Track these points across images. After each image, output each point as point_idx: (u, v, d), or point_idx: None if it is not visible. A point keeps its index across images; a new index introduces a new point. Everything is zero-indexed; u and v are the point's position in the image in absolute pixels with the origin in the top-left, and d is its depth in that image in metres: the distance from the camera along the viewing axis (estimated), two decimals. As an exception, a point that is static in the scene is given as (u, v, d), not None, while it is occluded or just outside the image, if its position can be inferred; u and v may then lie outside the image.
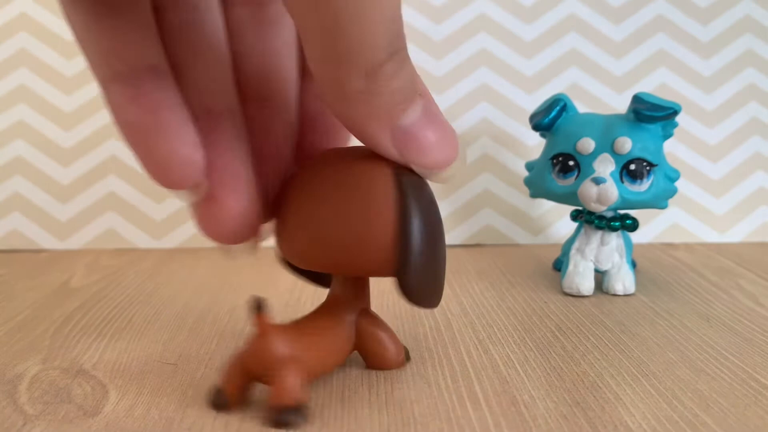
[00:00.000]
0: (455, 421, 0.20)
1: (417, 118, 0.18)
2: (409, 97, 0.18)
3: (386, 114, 0.18)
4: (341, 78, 0.17)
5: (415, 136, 0.18)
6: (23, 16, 0.44)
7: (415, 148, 0.19)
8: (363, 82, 0.17)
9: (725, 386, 0.22)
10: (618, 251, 0.33)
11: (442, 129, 0.19)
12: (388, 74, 0.17)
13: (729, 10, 0.46)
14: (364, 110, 0.18)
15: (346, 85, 0.17)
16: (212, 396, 0.20)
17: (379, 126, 0.18)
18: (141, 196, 0.44)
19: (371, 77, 0.17)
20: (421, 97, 0.19)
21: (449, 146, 0.19)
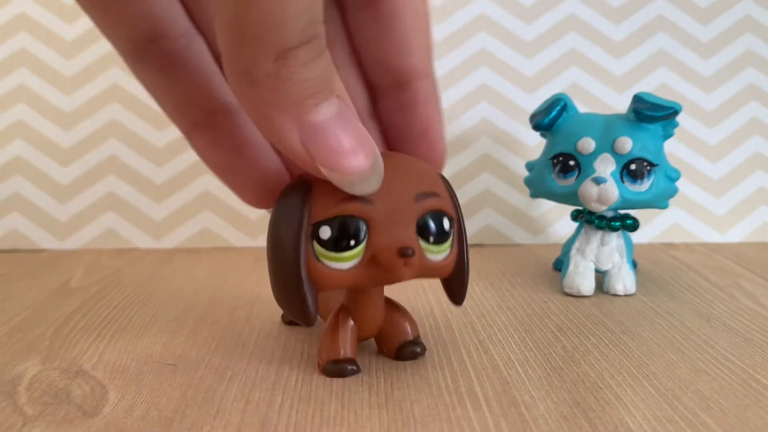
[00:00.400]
0: (455, 422, 0.19)
1: (330, 117, 0.17)
2: (322, 92, 0.17)
3: (294, 105, 0.16)
4: (248, 58, 0.15)
5: (326, 135, 0.17)
6: (23, 15, 0.44)
7: (324, 147, 0.17)
8: (271, 65, 0.15)
9: (725, 386, 0.22)
10: (618, 251, 0.33)
11: (358, 135, 0.18)
12: (300, 60, 0.16)
13: (729, 9, 0.46)
14: (270, 97, 0.16)
15: (252, 66, 0.16)
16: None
17: (286, 117, 0.17)
18: (141, 196, 0.44)
19: (281, 60, 0.15)
20: (338, 98, 0.17)
21: (363, 154, 0.18)
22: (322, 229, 0.19)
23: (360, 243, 0.19)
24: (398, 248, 0.19)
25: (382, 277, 0.19)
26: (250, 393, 0.22)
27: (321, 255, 0.19)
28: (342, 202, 0.19)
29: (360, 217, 0.19)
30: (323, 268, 0.19)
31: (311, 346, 0.26)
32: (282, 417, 0.20)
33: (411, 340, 0.23)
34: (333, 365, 0.22)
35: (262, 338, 0.27)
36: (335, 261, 0.19)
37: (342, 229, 0.19)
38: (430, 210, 0.20)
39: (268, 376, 0.23)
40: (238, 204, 0.44)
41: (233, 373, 0.23)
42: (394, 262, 0.19)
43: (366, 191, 0.18)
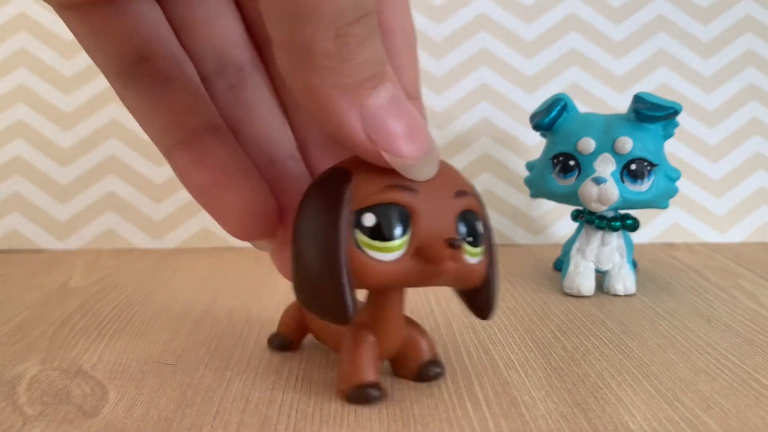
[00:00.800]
0: (455, 422, 0.19)
1: (386, 102, 0.17)
2: (379, 75, 0.16)
3: (356, 88, 0.16)
4: (307, 38, 0.15)
5: (386, 119, 0.17)
6: (22, 15, 0.44)
7: (386, 132, 0.17)
8: (332, 44, 0.15)
9: (726, 387, 0.22)
10: (619, 251, 0.33)
11: (415, 118, 0.17)
12: (359, 38, 0.15)
13: (729, 9, 0.46)
14: (331, 79, 0.15)
15: (312, 47, 0.15)
16: (272, 339, 0.25)
17: (348, 101, 0.16)
18: (140, 196, 0.44)
19: (341, 39, 0.15)
20: (390, 82, 0.17)
21: (423, 137, 0.17)
22: (366, 216, 0.18)
23: (405, 233, 0.18)
24: (447, 238, 0.18)
25: (426, 271, 0.18)
26: (249, 393, 0.22)
27: (364, 244, 0.18)
28: (386, 189, 0.18)
29: (405, 205, 0.18)
30: (366, 259, 0.18)
31: (311, 346, 0.26)
32: (282, 417, 0.20)
33: (431, 360, 0.22)
34: (356, 391, 0.20)
35: (262, 338, 0.27)
36: (379, 251, 0.18)
37: (388, 216, 0.18)
38: (467, 208, 0.19)
39: (268, 376, 0.23)
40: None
41: (233, 373, 0.23)
42: (442, 253, 0.18)
43: (427, 175, 0.18)
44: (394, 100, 0.17)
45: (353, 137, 0.17)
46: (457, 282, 0.19)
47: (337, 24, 0.15)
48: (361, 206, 0.18)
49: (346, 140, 0.17)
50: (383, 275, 0.18)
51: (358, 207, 0.18)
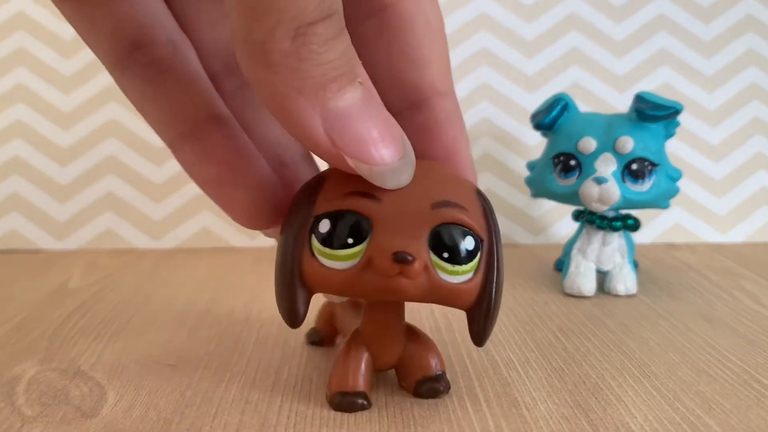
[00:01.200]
0: (456, 423, 0.19)
1: (355, 103, 0.16)
2: (345, 75, 0.15)
3: (316, 89, 0.15)
4: (264, 36, 0.14)
5: (352, 122, 0.16)
6: (21, 15, 0.44)
7: (351, 136, 0.16)
8: (290, 43, 0.14)
9: (727, 387, 0.22)
10: (620, 251, 0.33)
11: (387, 123, 0.16)
12: (321, 38, 0.14)
13: (731, 9, 0.46)
14: (289, 78, 0.15)
15: (269, 45, 0.14)
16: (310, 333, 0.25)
17: (308, 102, 0.15)
18: (140, 196, 0.44)
19: (300, 38, 0.14)
20: (361, 84, 0.16)
21: (394, 144, 0.16)
22: (322, 222, 0.17)
23: (360, 243, 0.17)
24: (393, 252, 0.17)
25: (380, 285, 0.17)
26: (249, 394, 0.21)
27: (316, 250, 0.18)
28: (347, 196, 0.17)
29: (363, 214, 0.17)
30: (316, 265, 0.18)
31: (311, 346, 0.26)
32: (281, 418, 0.20)
33: (433, 376, 0.21)
34: (341, 398, 0.20)
35: (262, 339, 0.26)
36: (330, 259, 0.17)
37: (341, 224, 0.17)
38: (448, 221, 0.17)
39: (268, 377, 0.23)
40: (237, 204, 0.44)
41: (232, 373, 0.23)
42: (388, 268, 0.17)
43: (398, 184, 0.17)
44: (364, 103, 0.16)
45: (314, 140, 0.16)
46: (436, 301, 0.18)
47: (297, 22, 0.14)
48: (319, 212, 0.18)
49: (307, 143, 0.16)
50: (332, 282, 0.18)
51: (318, 212, 0.18)
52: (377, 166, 0.16)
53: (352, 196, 0.17)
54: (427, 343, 0.21)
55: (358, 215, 0.17)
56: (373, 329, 0.20)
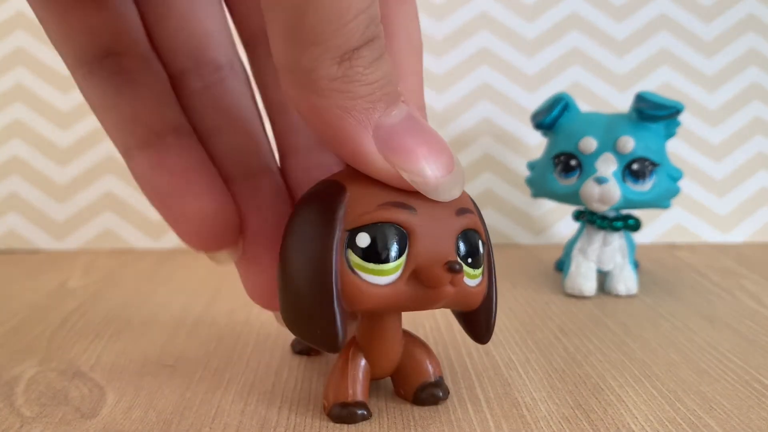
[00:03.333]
0: (456, 424, 0.19)
1: (403, 120, 0.16)
2: (390, 94, 0.16)
3: (365, 107, 0.15)
4: (311, 63, 0.14)
5: (404, 138, 0.16)
6: (20, 14, 0.44)
7: (404, 151, 0.16)
8: (336, 68, 0.15)
9: (728, 388, 0.22)
10: (620, 252, 0.33)
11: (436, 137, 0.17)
12: (366, 60, 0.15)
13: (732, 8, 0.46)
14: (339, 101, 0.15)
15: (317, 72, 0.15)
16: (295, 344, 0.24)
17: (359, 122, 0.15)
18: (139, 196, 0.44)
19: (346, 62, 0.15)
20: (404, 102, 0.16)
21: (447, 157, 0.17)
22: (360, 236, 0.17)
23: (401, 255, 0.17)
24: (446, 262, 0.17)
25: (423, 296, 0.17)
26: (248, 395, 0.21)
27: (357, 266, 0.17)
28: (382, 207, 0.17)
29: (402, 225, 0.17)
30: (359, 282, 0.17)
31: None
32: (281, 419, 0.20)
33: (432, 382, 0.20)
34: (341, 409, 0.19)
35: (261, 339, 0.26)
36: (373, 274, 0.17)
37: (384, 236, 0.17)
38: (469, 227, 0.18)
39: (267, 378, 0.23)
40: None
41: (232, 374, 0.23)
42: (441, 278, 0.17)
43: (452, 196, 0.17)
44: (410, 119, 0.16)
45: (367, 158, 0.16)
46: (455, 305, 0.18)
47: (342, 50, 0.14)
48: (355, 225, 0.17)
49: (359, 163, 0.16)
50: (376, 299, 0.17)
51: (352, 226, 0.17)
52: (433, 179, 0.16)
53: (389, 207, 0.17)
54: (424, 348, 0.21)
55: (397, 227, 0.17)
56: (371, 337, 0.20)
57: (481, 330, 0.19)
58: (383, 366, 0.20)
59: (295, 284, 0.17)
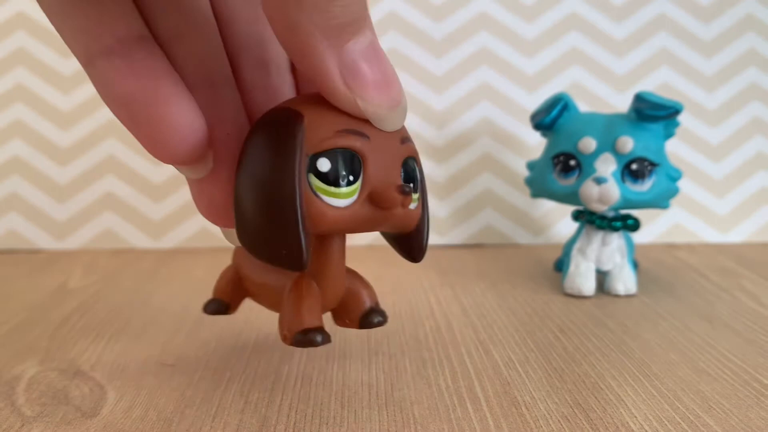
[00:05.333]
0: (455, 422, 0.19)
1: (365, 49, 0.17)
2: (362, 20, 0.16)
3: (338, 31, 0.16)
4: None
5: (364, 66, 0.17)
6: (20, 15, 0.44)
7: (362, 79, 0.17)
8: None
9: (727, 387, 0.22)
10: (619, 251, 0.33)
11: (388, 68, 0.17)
12: None
13: (731, 8, 0.46)
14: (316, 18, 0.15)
15: None
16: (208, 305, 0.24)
17: (329, 44, 0.16)
18: (139, 196, 0.44)
19: None
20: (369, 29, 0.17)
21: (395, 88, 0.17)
22: (321, 161, 0.18)
23: (357, 179, 0.18)
24: (398, 185, 0.18)
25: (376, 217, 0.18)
26: (249, 393, 0.21)
27: (319, 189, 0.18)
28: (340, 134, 0.18)
29: (358, 151, 0.18)
30: (320, 205, 0.18)
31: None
32: (281, 417, 0.20)
33: (373, 308, 0.22)
34: (302, 336, 0.20)
35: (261, 338, 0.26)
36: (334, 197, 0.18)
37: (343, 162, 0.18)
38: (410, 155, 0.19)
39: (267, 376, 0.23)
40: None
41: (232, 373, 0.23)
42: (395, 200, 0.18)
43: (395, 126, 0.18)
44: (372, 48, 0.17)
45: (330, 81, 0.17)
46: (397, 228, 0.19)
47: None
48: (315, 150, 0.18)
49: (322, 83, 0.17)
50: (337, 221, 0.18)
51: (313, 151, 0.18)
52: (384, 109, 0.17)
53: (347, 134, 0.18)
54: (362, 280, 0.22)
55: (353, 153, 0.18)
56: (322, 265, 0.20)
57: (414, 250, 0.20)
58: (332, 295, 0.21)
59: (258, 207, 0.18)
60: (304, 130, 0.18)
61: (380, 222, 0.19)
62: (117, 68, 0.17)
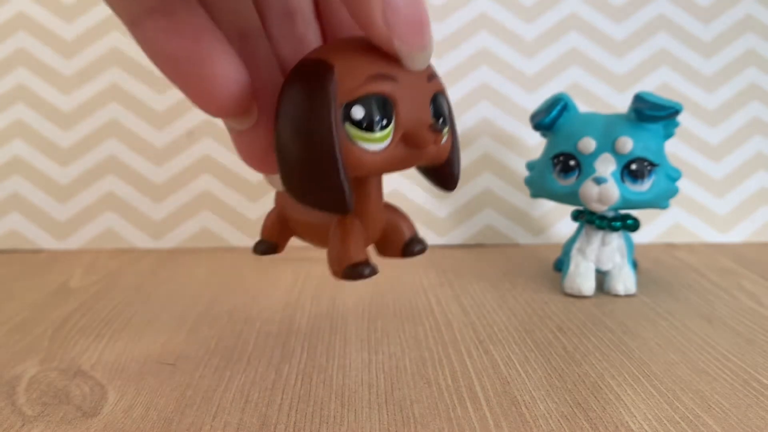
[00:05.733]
0: (455, 421, 0.19)
1: None
2: None
3: None
4: None
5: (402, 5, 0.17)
6: (21, 15, 0.44)
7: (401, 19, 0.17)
8: None
9: (726, 387, 0.22)
10: (619, 251, 0.33)
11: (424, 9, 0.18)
12: None
13: (730, 9, 0.46)
14: None
15: None
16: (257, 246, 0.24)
17: None
18: (140, 196, 0.44)
19: None
20: None
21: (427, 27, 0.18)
22: (355, 109, 0.18)
23: (390, 122, 0.19)
24: (429, 125, 0.19)
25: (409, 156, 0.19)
26: (249, 392, 0.21)
27: (356, 137, 0.18)
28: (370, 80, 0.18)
29: (389, 95, 0.19)
30: (358, 151, 0.18)
31: (311, 345, 0.26)
32: (281, 417, 0.20)
33: (413, 237, 0.23)
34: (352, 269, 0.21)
35: (262, 338, 0.26)
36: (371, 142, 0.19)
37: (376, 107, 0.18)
38: (438, 91, 0.20)
39: (268, 376, 0.23)
40: (238, 204, 0.44)
41: (232, 372, 0.23)
42: (427, 139, 0.19)
43: (424, 65, 0.19)
44: None
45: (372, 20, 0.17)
46: (430, 161, 0.20)
47: None
48: (348, 99, 0.18)
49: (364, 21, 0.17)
50: (374, 164, 0.19)
51: (346, 100, 0.18)
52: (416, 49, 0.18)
53: (377, 79, 0.18)
54: (400, 212, 0.23)
55: (385, 97, 0.18)
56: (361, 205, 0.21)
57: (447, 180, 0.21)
58: (374, 230, 0.22)
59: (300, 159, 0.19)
60: (336, 81, 0.18)
61: (414, 160, 0.19)
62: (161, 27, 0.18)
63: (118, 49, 0.44)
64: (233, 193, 0.44)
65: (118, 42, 0.44)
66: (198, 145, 0.44)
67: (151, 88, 0.44)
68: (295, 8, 0.21)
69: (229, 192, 0.44)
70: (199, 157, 0.44)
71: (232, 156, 0.44)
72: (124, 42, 0.44)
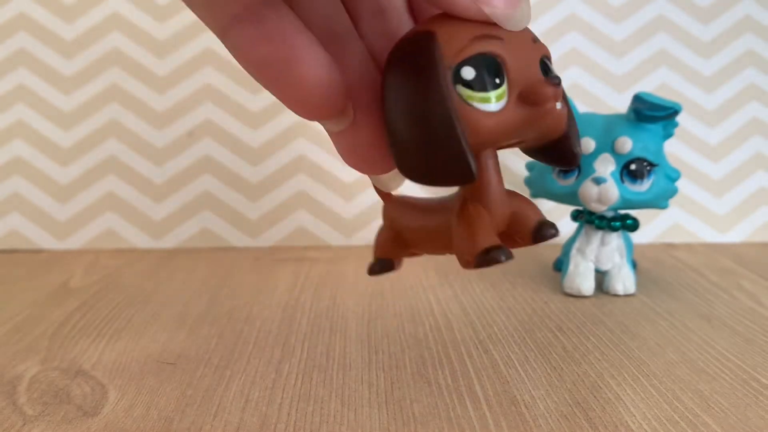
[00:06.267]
0: (455, 421, 0.19)
1: None
2: None
3: None
4: None
5: None
6: (22, 15, 0.44)
7: None
8: None
9: (726, 386, 0.22)
10: (618, 251, 0.33)
11: None
12: None
13: (730, 9, 0.46)
14: None
15: None
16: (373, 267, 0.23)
17: None
18: (140, 196, 0.44)
19: None
20: None
21: None
22: (464, 69, 0.18)
23: (503, 81, 0.18)
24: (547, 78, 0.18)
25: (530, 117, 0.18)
26: (249, 392, 0.22)
27: (469, 97, 0.18)
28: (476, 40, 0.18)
29: (497, 54, 0.18)
30: (474, 112, 0.18)
31: (311, 344, 0.26)
32: (282, 416, 0.20)
33: (542, 221, 0.21)
34: (484, 255, 0.19)
35: (262, 337, 0.27)
36: (485, 102, 0.18)
37: (486, 65, 0.18)
38: (545, 54, 0.19)
39: (268, 375, 0.23)
40: (237, 204, 0.44)
41: (233, 372, 0.23)
42: (548, 94, 0.18)
43: (522, 25, 0.18)
44: None
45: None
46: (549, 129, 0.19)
47: None
48: (456, 61, 0.18)
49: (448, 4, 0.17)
50: (492, 127, 0.18)
51: (454, 62, 0.18)
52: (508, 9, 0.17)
53: (482, 40, 0.18)
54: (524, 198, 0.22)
55: (492, 56, 0.18)
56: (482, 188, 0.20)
57: (568, 154, 0.20)
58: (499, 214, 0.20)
59: (416, 133, 0.18)
60: (440, 45, 0.18)
61: (534, 123, 0.18)
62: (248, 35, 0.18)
63: (118, 49, 0.44)
64: (233, 193, 0.44)
65: (118, 42, 0.44)
66: (198, 145, 0.44)
67: (151, 88, 0.44)
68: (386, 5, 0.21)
69: (229, 192, 0.44)
70: (199, 157, 0.44)
71: (232, 156, 0.44)
72: (124, 42, 0.44)
